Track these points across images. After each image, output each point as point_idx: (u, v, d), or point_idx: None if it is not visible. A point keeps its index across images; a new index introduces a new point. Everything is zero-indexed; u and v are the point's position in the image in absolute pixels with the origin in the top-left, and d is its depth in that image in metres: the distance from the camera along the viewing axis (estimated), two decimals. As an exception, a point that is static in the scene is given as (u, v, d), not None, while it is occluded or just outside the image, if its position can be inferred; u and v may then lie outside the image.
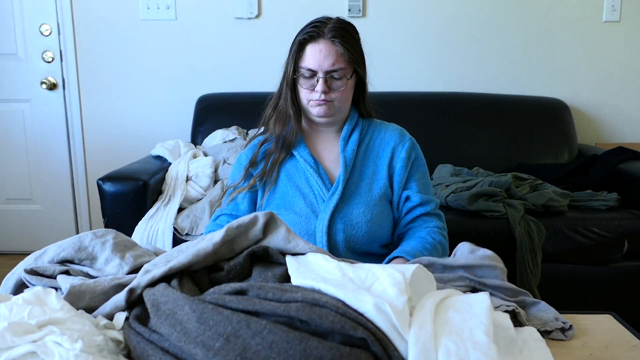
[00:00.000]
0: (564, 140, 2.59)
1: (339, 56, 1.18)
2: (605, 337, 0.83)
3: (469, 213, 1.98)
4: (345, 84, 1.20)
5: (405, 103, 2.63)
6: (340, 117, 1.28)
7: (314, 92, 1.20)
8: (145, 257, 0.87)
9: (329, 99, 1.20)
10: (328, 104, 1.21)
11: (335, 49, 1.18)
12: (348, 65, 1.20)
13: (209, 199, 2.04)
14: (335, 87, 1.20)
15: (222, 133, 2.47)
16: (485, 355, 0.58)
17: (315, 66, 1.19)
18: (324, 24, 1.20)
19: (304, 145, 1.27)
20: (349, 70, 1.20)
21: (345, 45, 1.18)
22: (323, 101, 1.20)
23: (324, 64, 1.18)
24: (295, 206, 1.23)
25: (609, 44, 2.80)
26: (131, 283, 0.73)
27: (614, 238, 1.91)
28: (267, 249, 0.82)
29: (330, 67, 1.18)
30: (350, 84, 1.22)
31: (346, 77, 1.20)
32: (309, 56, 1.19)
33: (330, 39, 1.18)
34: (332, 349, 0.57)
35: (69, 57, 2.82)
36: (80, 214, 3.00)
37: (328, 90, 1.19)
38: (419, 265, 0.73)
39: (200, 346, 0.60)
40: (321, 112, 1.22)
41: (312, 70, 1.19)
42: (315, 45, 1.19)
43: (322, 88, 1.18)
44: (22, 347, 0.60)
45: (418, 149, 1.32)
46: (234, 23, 2.78)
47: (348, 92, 1.23)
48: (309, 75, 1.20)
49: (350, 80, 1.22)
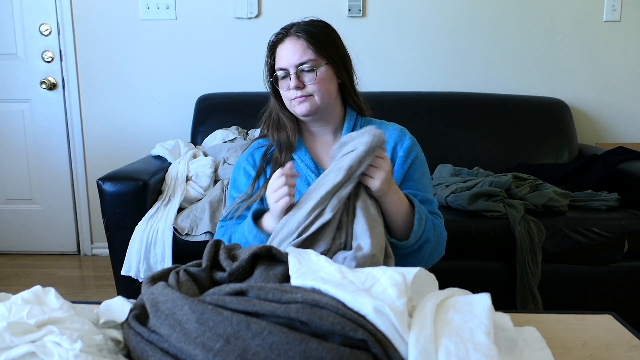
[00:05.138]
0: (564, 140, 2.59)
1: (305, 49, 1.19)
2: (605, 337, 0.83)
3: (469, 213, 1.97)
4: (315, 76, 1.20)
5: (405, 103, 2.62)
6: (328, 114, 1.26)
7: (290, 91, 1.21)
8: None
9: (306, 94, 1.20)
10: (308, 99, 1.21)
11: (300, 43, 1.20)
12: (317, 56, 1.20)
13: (209, 199, 2.04)
14: (308, 80, 1.20)
15: (222, 133, 2.47)
16: (485, 356, 0.58)
17: (285, 64, 1.20)
18: (292, 26, 1.23)
19: (304, 149, 1.27)
20: (319, 61, 1.21)
21: (309, 37, 1.20)
22: (301, 97, 1.20)
23: (292, 60, 1.19)
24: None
25: (609, 44, 2.80)
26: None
27: (614, 238, 1.91)
28: (271, 248, 0.82)
29: (298, 60, 1.19)
30: (322, 74, 1.21)
31: (317, 68, 1.20)
32: (279, 57, 1.22)
33: (295, 35, 1.21)
34: (332, 350, 0.57)
35: (69, 57, 2.82)
36: (80, 214, 3.00)
37: (302, 85, 1.20)
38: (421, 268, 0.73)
39: (200, 347, 0.60)
40: (303, 109, 1.21)
41: (283, 69, 1.21)
42: (283, 44, 1.22)
43: (295, 83, 1.19)
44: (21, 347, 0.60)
45: (418, 149, 1.31)
46: (234, 23, 2.78)
47: (325, 83, 1.22)
48: (283, 75, 1.21)
49: (322, 71, 1.21)
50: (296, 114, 1.24)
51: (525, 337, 0.73)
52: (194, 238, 1.90)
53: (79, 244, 3.05)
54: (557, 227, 1.92)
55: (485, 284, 1.92)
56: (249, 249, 0.82)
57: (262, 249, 0.81)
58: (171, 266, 0.81)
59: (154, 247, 1.89)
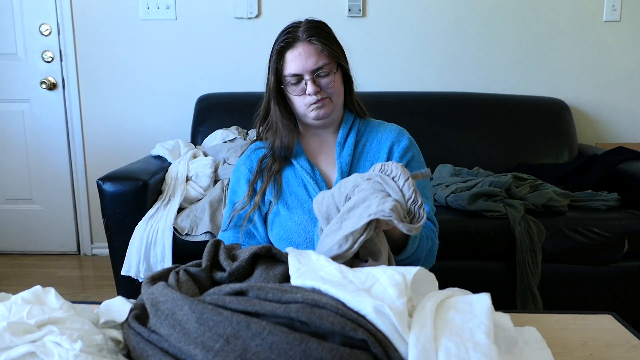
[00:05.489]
0: (564, 140, 2.59)
1: (319, 53, 1.17)
2: (605, 337, 0.83)
3: (469, 213, 1.97)
4: (334, 79, 1.19)
5: (405, 103, 2.62)
6: (336, 115, 1.26)
7: (306, 96, 1.19)
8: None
9: (325, 96, 1.19)
10: (327, 103, 1.20)
11: (314, 47, 1.17)
12: (331, 60, 1.19)
13: (209, 199, 2.04)
14: (325, 84, 1.19)
15: (222, 133, 2.47)
16: (486, 356, 0.58)
17: (299, 70, 1.17)
18: (296, 28, 1.20)
19: (301, 152, 1.26)
20: (333, 64, 1.20)
21: (322, 41, 1.18)
22: (321, 101, 1.19)
23: (307, 65, 1.17)
24: (293, 214, 1.22)
25: (609, 44, 2.80)
26: None
27: (614, 238, 1.91)
28: (270, 248, 0.82)
29: (314, 66, 1.17)
30: (338, 77, 1.21)
31: (332, 71, 1.19)
32: (291, 62, 1.18)
33: (307, 40, 1.17)
34: (332, 350, 0.57)
35: (69, 57, 2.82)
36: (80, 214, 3.00)
37: (319, 89, 1.18)
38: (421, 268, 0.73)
39: (200, 347, 0.60)
40: (321, 113, 1.20)
41: (297, 75, 1.18)
42: (294, 50, 1.18)
43: (313, 89, 1.17)
44: (21, 348, 0.60)
45: (416, 150, 1.29)
46: (234, 23, 2.78)
47: (339, 86, 1.22)
48: (296, 81, 1.18)
49: (337, 74, 1.21)
50: (309, 118, 1.22)
51: (525, 337, 0.73)
52: (194, 238, 1.90)
53: (79, 244, 3.04)
54: (557, 227, 1.92)
55: (485, 284, 1.92)
56: (249, 249, 0.82)
57: (262, 249, 0.80)
58: (171, 266, 0.81)
59: (154, 247, 1.89)
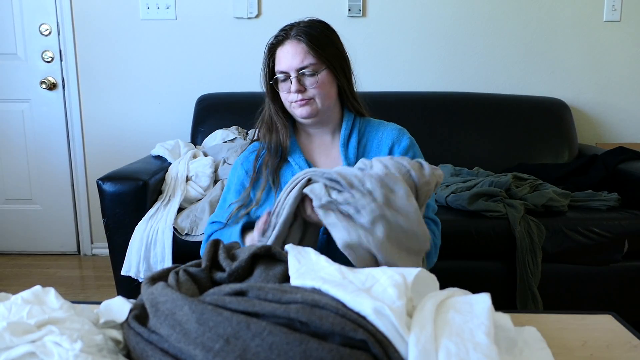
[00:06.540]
0: (564, 140, 2.59)
1: (306, 53, 1.19)
2: (605, 337, 0.83)
3: (469, 213, 1.97)
4: (317, 80, 1.20)
5: (405, 103, 2.62)
6: (327, 117, 1.26)
7: (291, 94, 1.21)
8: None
9: (307, 97, 1.20)
10: (309, 103, 1.21)
11: (301, 46, 1.19)
12: (317, 61, 1.20)
13: (209, 199, 2.04)
14: (309, 84, 1.20)
15: (222, 133, 2.47)
16: (486, 356, 0.58)
17: (286, 67, 1.20)
18: (292, 27, 1.22)
19: (299, 152, 1.26)
20: (319, 65, 1.20)
21: (310, 41, 1.19)
22: (303, 100, 1.20)
23: (293, 63, 1.19)
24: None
25: (609, 44, 2.80)
26: None
27: (614, 238, 1.91)
28: (270, 248, 0.82)
29: (299, 64, 1.19)
30: (323, 78, 1.21)
31: (318, 72, 1.20)
32: (280, 59, 1.21)
33: (295, 38, 1.20)
34: (332, 351, 0.57)
35: (69, 57, 2.82)
36: (80, 214, 3.00)
37: (303, 89, 1.20)
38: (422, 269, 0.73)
39: (200, 347, 0.60)
40: (304, 112, 1.21)
41: (284, 72, 1.21)
42: (283, 47, 1.21)
43: (296, 87, 1.19)
44: (21, 348, 0.60)
45: (416, 149, 1.29)
46: (233, 23, 2.78)
47: (325, 87, 1.22)
48: (284, 78, 1.21)
49: (323, 75, 1.21)
50: (296, 116, 1.24)
51: (525, 337, 0.73)
52: (193, 238, 1.90)
53: (79, 244, 3.04)
54: (557, 227, 1.92)
55: (485, 284, 1.92)
56: (249, 249, 0.82)
57: (261, 249, 0.80)
58: (171, 266, 0.81)
59: (154, 247, 1.89)
